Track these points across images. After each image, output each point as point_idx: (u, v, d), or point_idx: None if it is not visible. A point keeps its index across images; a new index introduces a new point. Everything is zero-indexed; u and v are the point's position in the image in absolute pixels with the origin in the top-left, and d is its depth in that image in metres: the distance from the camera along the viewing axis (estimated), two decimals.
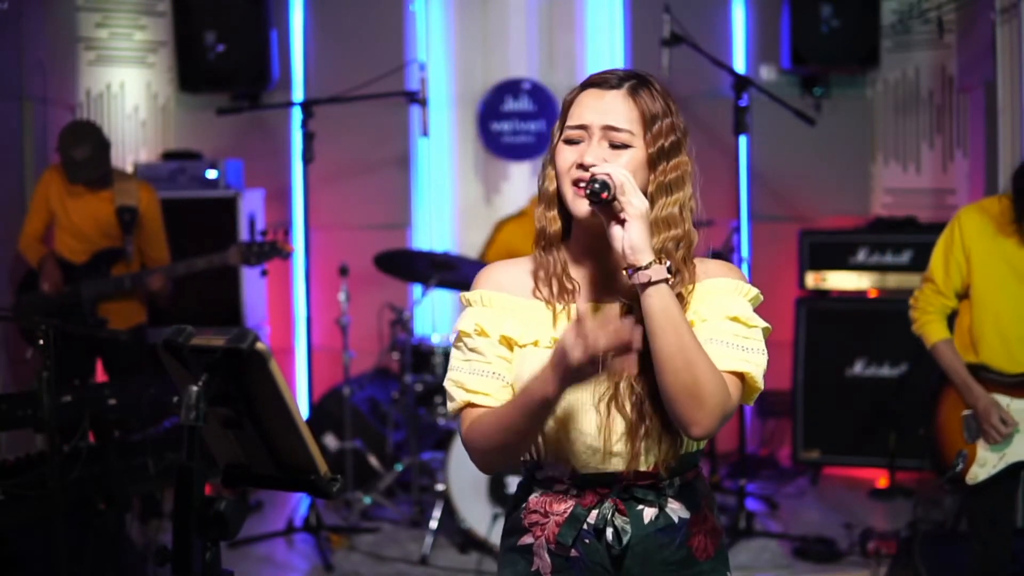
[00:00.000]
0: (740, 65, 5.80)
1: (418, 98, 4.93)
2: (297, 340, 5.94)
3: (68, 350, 3.15)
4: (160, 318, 4.83)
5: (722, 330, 1.70)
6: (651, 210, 1.68)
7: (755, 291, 1.77)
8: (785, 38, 5.64)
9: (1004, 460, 3.12)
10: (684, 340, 1.62)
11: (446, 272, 4.73)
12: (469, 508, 4.27)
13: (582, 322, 1.53)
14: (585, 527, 1.74)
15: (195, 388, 1.54)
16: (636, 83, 1.74)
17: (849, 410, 5.27)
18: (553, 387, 1.58)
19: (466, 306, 1.80)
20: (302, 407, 4.79)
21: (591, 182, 1.65)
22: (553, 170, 1.76)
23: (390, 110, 5.69)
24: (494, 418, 1.70)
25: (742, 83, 4.64)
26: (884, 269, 5.35)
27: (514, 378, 1.74)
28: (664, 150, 1.72)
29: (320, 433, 5.00)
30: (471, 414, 1.74)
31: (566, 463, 1.75)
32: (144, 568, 3.57)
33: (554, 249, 1.78)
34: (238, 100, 5.71)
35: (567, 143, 1.74)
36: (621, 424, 1.71)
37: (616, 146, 1.71)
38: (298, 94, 5.90)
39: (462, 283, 4.76)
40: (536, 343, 1.74)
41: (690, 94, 5.41)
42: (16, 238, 4.71)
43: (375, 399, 5.25)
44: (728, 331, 1.71)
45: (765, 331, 1.74)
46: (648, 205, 1.66)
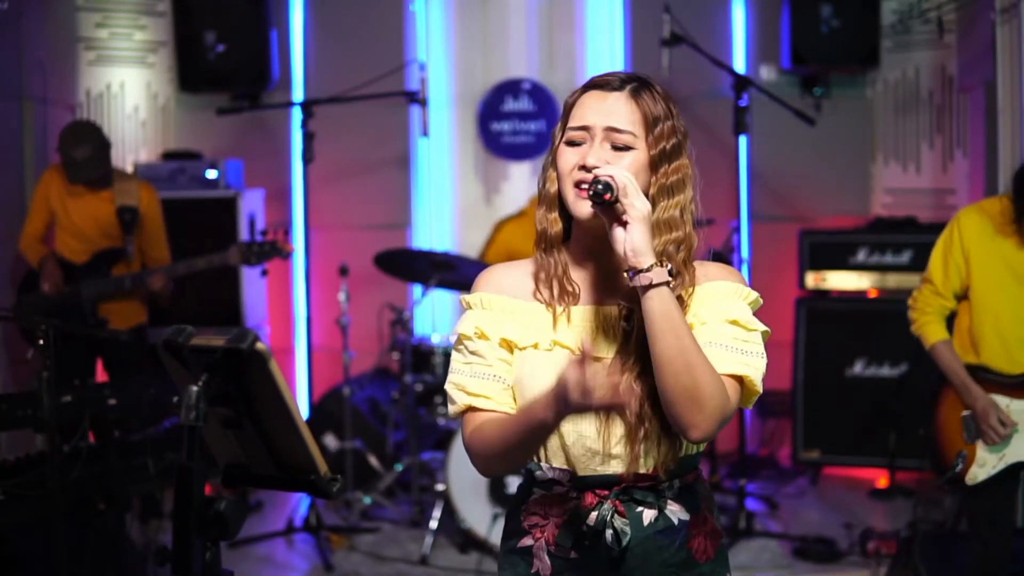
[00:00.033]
0: (740, 65, 5.80)
1: (418, 98, 4.93)
2: (297, 340, 5.94)
3: (68, 350, 3.16)
4: (160, 318, 4.82)
5: (721, 333, 1.71)
6: (652, 212, 1.68)
7: (755, 295, 1.77)
8: (785, 38, 5.64)
9: (1003, 461, 3.12)
10: (684, 343, 1.62)
11: (446, 272, 4.72)
12: (469, 508, 4.27)
13: (583, 366, 1.52)
14: (585, 529, 1.74)
15: (195, 388, 1.54)
16: (638, 85, 1.74)
17: (849, 410, 5.27)
18: (552, 416, 1.59)
19: (466, 309, 1.81)
20: (302, 407, 4.79)
21: (594, 183, 1.64)
22: (554, 171, 1.76)
23: (390, 110, 5.69)
24: (497, 428, 1.70)
25: (742, 83, 4.64)
26: (884, 269, 5.35)
27: (515, 380, 1.74)
28: (666, 152, 1.72)
29: (320, 433, 5.00)
30: (473, 418, 1.74)
31: (566, 465, 1.75)
32: (144, 568, 3.57)
33: (555, 251, 1.78)
34: (238, 100, 5.71)
35: (569, 145, 1.74)
36: (621, 426, 1.71)
37: (618, 148, 1.71)
38: (298, 94, 5.90)
39: (462, 283, 4.76)
40: (536, 345, 1.74)
41: (690, 94, 5.42)
42: (16, 238, 4.71)
43: (375, 399, 5.24)
44: (727, 334, 1.71)
45: (764, 335, 1.74)
46: (650, 207, 1.66)
